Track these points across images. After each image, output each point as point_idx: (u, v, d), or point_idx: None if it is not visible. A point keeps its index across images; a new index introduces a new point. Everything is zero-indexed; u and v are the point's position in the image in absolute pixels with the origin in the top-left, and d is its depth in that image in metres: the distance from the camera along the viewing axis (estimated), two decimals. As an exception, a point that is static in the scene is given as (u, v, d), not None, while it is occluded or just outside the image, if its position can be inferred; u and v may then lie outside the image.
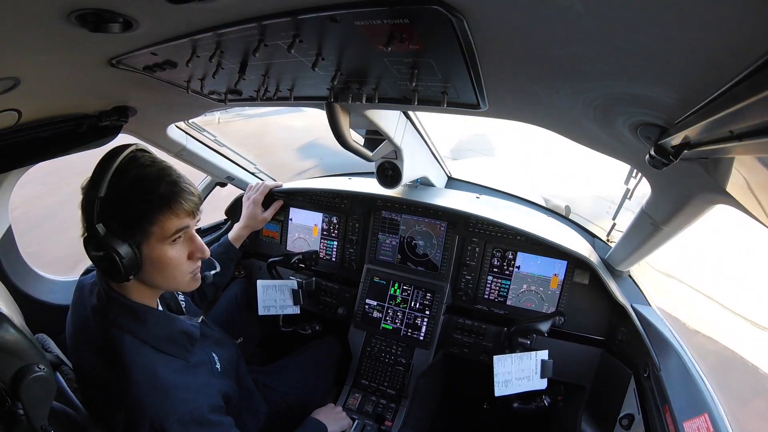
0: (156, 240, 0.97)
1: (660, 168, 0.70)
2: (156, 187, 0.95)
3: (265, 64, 0.87)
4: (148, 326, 1.03)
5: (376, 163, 1.75)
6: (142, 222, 0.95)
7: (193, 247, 1.06)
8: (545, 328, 1.56)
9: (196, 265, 1.09)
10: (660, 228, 1.24)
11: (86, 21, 0.60)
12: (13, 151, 1.18)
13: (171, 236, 0.99)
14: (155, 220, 0.95)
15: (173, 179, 0.98)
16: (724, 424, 1.02)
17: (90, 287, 1.08)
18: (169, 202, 0.96)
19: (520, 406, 1.56)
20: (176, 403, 0.96)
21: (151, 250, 0.98)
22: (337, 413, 1.54)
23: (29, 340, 0.85)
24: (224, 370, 1.22)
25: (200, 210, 1.06)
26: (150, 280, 1.03)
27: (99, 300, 1.03)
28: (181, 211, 0.98)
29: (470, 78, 0.76)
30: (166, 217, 0.96)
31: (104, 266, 0.94)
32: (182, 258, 1.04)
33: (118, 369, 0.95)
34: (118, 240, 0.93)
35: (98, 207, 0.93)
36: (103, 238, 0.92)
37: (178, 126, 1.76)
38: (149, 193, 0.95)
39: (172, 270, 1.03)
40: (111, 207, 0.94)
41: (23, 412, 0.82)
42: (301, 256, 1.92)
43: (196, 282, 1.11)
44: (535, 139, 7.30)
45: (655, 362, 1.31)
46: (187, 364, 1.08)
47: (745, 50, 0.40)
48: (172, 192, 0.97)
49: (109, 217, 0.94)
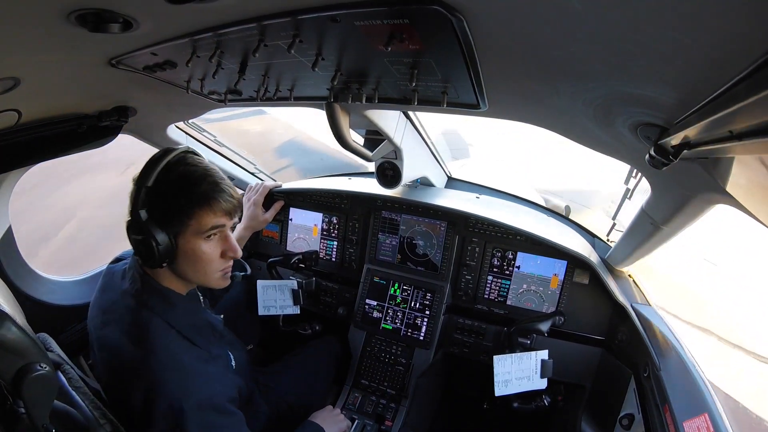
0: (192, 233, 1.04)
1: (660, 168, 0.70)
2: (198, 184, 1.03)
3: (265, 64, 0.87)
4: (178, 312, 1.09)
5: (376, 163, 1.75)
6: (181, 214, 1.02)
7: (227, 246, 1.11)
8: (545, 327, 1.56)
9: (228, 264, 1.14)
10: (660, 228, 1.24)
11: (86, 21, 0.60)
12: (13, 151, 1.18)
13: (206, 232, 1.05)
14: (193, 214, 1.02)
15: (215, 180, 1.06)
16: (724, 424, 1.02)
17: (121, 273, 1.14)
18: (209, 199, 1.03)
19: (520, 406, 1.56)
20: (196, 387, 1.00)
21: (186, 242, 1.04)
22: (335, 416, 1.54)
23: (31, 338, 0.85)
24: (237, 369, 1.26)
25: (238, 212, 1.12)
26: (182, 271, 1.09)
27: (132, 283, 1.09)
28: (218, 209, 1.04)
29: (470, 78, 0.76)
30: (204, 212, 1.03)
31: (141, 250, 1.02)
32: (215, 255, 1.09)
33: (143, 348, 0.99)
34: (157, 227, 1.00)
35: (144, 195, 1.01)
36: (144, 224, 1.00)
37: (177, 126, 1.77)
38: (191, 189, 1.02)
39: (203, 264, 1.08)
40: (155, 197, 1.01)
41: (24, 410, 0.82)
42: (301, 256, 1.92)
43: (226, 281, 1.16)
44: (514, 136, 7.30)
45: (655, 362, 1.31)
46: (208, 355, 1.12)
47: (744, 50, 0.40)
48: (212, 191, 1.04)
49: (152, 205, 1.01)
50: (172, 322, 1.06)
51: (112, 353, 1.04)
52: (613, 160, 1.12)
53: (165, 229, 1.01)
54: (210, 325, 1.18)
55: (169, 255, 1.03)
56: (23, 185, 1.56)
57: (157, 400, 0.95)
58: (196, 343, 1.09)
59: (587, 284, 1.67)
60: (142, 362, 0.98)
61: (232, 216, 1.10)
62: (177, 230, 1.02)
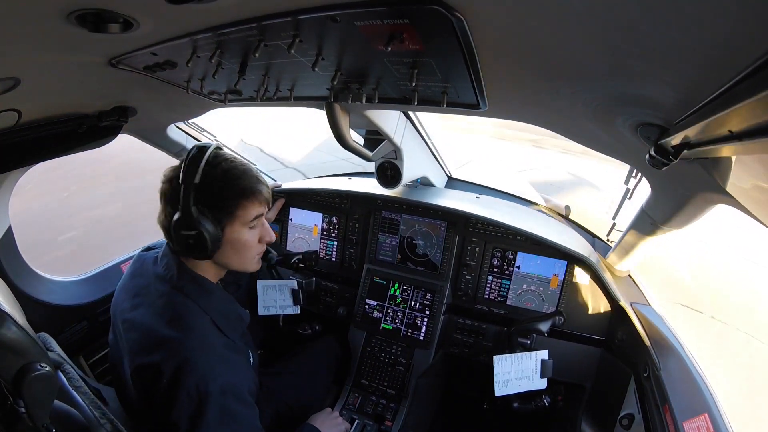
0: (239, 224, 1.11)
1: (660, 168, 0.70)
2: (242, 179, 1.10)
3: (265, 64, 0.87)
4: (214, 299, 1.15)
5: (376, 163, 1.75)
6: (230, 207, 1.09)
7: (264, 232, 1.20)
8: (545, 327, 1.56)
9: (262, 248, 1.23)
10: (660, 228, 1.24)
11: (86, 21, 0.60)
12: (13, 151, 1.18)
13: (251, 221, 1.13)
14: (241, 205, 1.10)
15: (254, 174, 1.14)
16: (724, 424, 1.02)
17: (153, 260, 1.19)
18: (253, 191, 1.11)
19: (520, 406, 1.56)
20: (223, 371, 1.03)
21: (233, 233, 1.11)
22: (334, 418, 1.54)
23: (31, 338, 0.85)
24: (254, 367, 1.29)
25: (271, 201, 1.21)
26: (223, 259, 1.15)
27: (167, 270, 1.13)
28: (261, 199, 1.13)
29: (470, 78, 0.76)
30: (249, 203, 1.11)
31: (193, 243, 1.06)
32: (255, 241, 1.18)
33: (178, 327, 1.03)
34: (208, 221, 1.06)
35: (193, 192, 1.05)
36: (196, 219, 1.04)
37: (177, 126, 1.77)
38: (236, 183, 1.09)
39: (246, 251, 1.16)
40: (204, 193, 1.06)
41: (25, 410, 0.82)
42: (301, 256, 1.92)
43: (259, 264, 1.25)
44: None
45: (655, 362, 1.31)
46: (235, 345, 1.16)
47: (744, 50, 0.40)
48: (254, 183, 1.12)
49: (201, 201, 1.06)
50: (206, 309, 1.11)
51: (144, 332, 1.05)
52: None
53: (214, 222, 1.07)
54: (240, 318, 1.23)
55: (217, 246, 1.09)
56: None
57: (186, 379, 0.97)
58: (225, 333, 1.13)
59: (587, 284, 1.67)
60: (176, 341, 1.01)
61: (268, 205, 1.19)
62: (225, 222, 1.09)
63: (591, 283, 1.66)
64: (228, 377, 1.03)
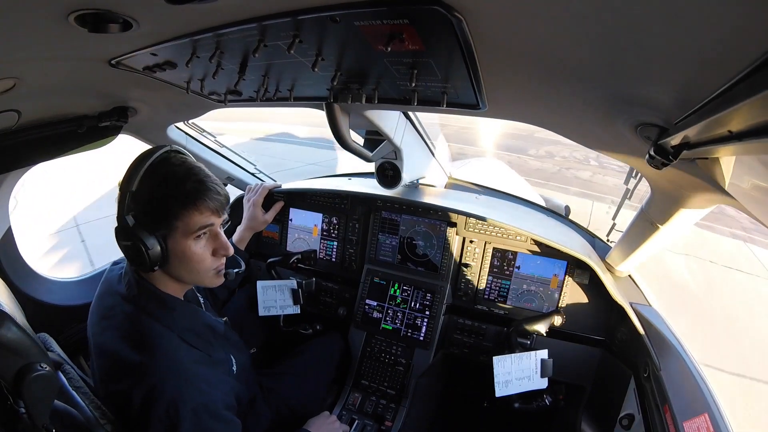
0: (180, 234, 1.02)
1: (660, 168, 0.70)
2: (182, 184, 1.01)
3: (265, 64, 0.87)
4: (176, 316, 1.08)
5: (376, 163, 1.75)
6: (168, 216, 1.00)
7: (218, 245, 1.10)
8: (543, 327, 1.56)
9: (220, 261, 1.14)
10: (659, 228, 1.24)
11: (86, 21, 0.60)
12: (13, 151, 1.18)
13: (194, 232, 1.03)
14: (180, 215, 1.00)
15: (200, 178, 1.03)
16: (724, 424, 1.02)
17: (118, 277, 1.13)
18: (194, 199, 1.01)
19: (522, 406, 1.56)
20: (194, 391, 0.99)
21: (176, 244, 1.03)
22: (331, 423, 1.52)
23: (31, 338, 0.85)
24: (239, 374, 1.25)
25: (227, 210, 1.11)
26: (176, 272, 1.08)
27: (129, 288, 1.07)
28: (205, 208, 1.03)
29: (470, 78, 0.76)
30: (190, 213, 1.01)
31: (131, 255, 1.00)
32: (206, 254, 1.08)
33: (143, 351, 0.99)
34: (145, 232, 0.99)
35: (129, 200, 0.99)
36: (131, 229, 0.98)
37: (177, 126, 1.77)
38: (176, 190, 1.00)
39: (195, 264, 1.07)
40: (141, 201, 0.99)
41: (25, 410, 0.82)
42: (299, 255, 1.92)
43: (220, 279, 1.16)
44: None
45: (655, 362, 1.31)
46: (209, 358, 1.11)
47: (744, 50, 0.40)
48: (197, 190, 1.02)
49: (138, 209, 0.99)
50: (171, 327, 1.06)
51: (112, 359, 1.02)
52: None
53: (153, 232, 0.99)
54: (210, 329, 1.17)
55: (160, 259, 1.01)
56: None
57: (155, 405, 0.94)
58: (197, 347, 1.09)
59: (587, 284, 1.67)
60: (142, 367, 0.97)
61: (221, 214, 1.08)
62: (165, 233, 1.01)
63: (591, 284, 1.66)
64: (199, 398, 0.99)
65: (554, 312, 1.61)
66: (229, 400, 1.10)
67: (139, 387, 0.96)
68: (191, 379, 1.00)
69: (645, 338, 1.39)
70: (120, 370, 1.00)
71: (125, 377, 0.98)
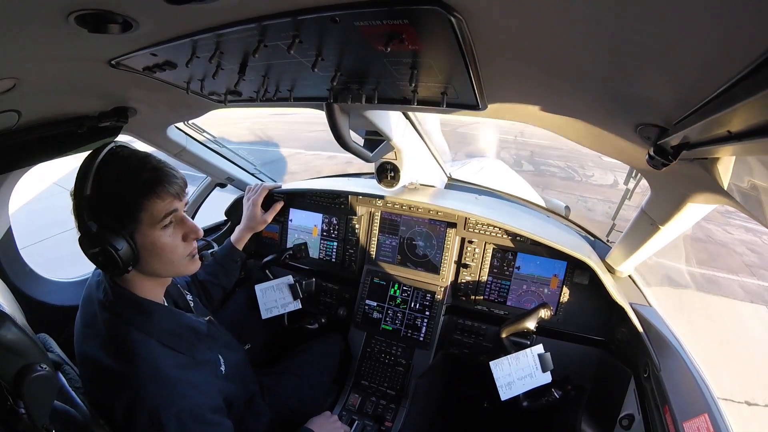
0: (147, 227, 0.99)
1: (659, 168, 0.70)
2: (138, 175, 0.97)
3: (265, 64, 0.87)
4: (154, 320, 1.05)
5: (376, 163, 1.75)
6: (131, 211, 0.97)
7: (186, 229, 1.07)
8: (532, 323, 1.51)
9: (192, 246, 1.10)
10: (659, 228, 1.24)
11: (86, 22, 0.60)
12: (13, 151, 1.18)
13: (161, 221, 1.00)
14: (142, 206, 0.97)
15: (154, 165, 1.00)
16: (724, 424, 1.02)
17: (96, 285, 1.10)
18: (153, 186, 0.98)
19: (531, 404, 1.52)
20: (176, 397, 0.97)
21: (144, 238, 0.99)
22: (332, 422, 1.52)
23: (31, 339, 0.85)
24: (229, 374, 1.23)
25: (186, 192, 1.07)
26: (150, 269, 1.05)
27: (105, 295, 1.04)
28: (165, 194, 0.99)
29: (470, 78, 0.76)
30: (152, 201, 0.98)
31: (102, 261, 0.97)
32: (177, 241, 1.05)
33: (122, 360, 0.96)
34: (111, 233, 0.95)
35: (86, 206, 0.95)
36: (96, 234, 0.95)
37: (177, 127, 1.77)
38: (133, 182, 0.97)
39: (168, 254, 1.04)
40: (99, 203, 0.96)
41: (25, 410, 0.82)
42: (290, 251, 1.89)
43: (195, 264, 1.13)
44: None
45: (655, 362, 1.31)
46: (192, 361, 1.09)
47: (743, 50, 0.40)
48: (154, 177, 0.98)
49: (99, 213, 0.96)
50: (150, 331, 1.02)
51: (94, 369, 1.01)
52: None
53: (119, 232, 0.96)
54: (192, 330, 1.14)
55: (132, 258, 0.98)
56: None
57: (137, 414, 0.93)
58: (178, 350, 1.06)
59: (587, 285, 1.67)
60: (122, 376, 0.96)
61: (181, 197, 1.04)
62: (131, 229, 0.97)
63: (591, 284, 1.66)
64: (182, 403, 0.97)
65: (540, 306, 1.54)
66: (216, 402, 1.08)
67: (120, 397, 0.94)
68: (173, 385, 0.98)
69: (645, 338, 1.39)
70: (102, 379, 0.98)
71: (107, 388, 0.97)
